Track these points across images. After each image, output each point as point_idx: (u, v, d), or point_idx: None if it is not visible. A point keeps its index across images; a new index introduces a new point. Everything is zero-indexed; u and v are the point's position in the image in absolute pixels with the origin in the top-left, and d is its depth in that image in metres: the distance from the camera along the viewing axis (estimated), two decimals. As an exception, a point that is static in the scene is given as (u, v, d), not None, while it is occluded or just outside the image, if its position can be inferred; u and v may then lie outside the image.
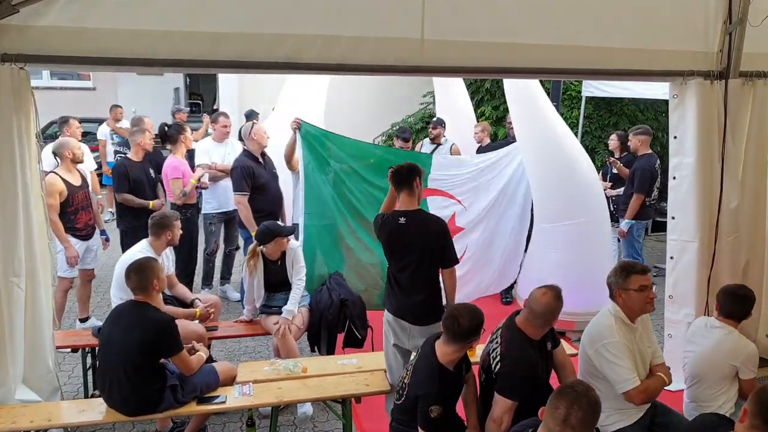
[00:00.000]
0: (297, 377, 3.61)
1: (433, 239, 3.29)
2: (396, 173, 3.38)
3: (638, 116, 8.32)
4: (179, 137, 5.44)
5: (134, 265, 3.30)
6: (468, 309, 2.69)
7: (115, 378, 3.11)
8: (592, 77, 5.40)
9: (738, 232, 4.19)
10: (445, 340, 2.70)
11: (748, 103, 4.15)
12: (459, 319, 2.63)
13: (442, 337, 2.72)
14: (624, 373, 2.81)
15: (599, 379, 2.94)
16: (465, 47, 3.68)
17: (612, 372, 2.82)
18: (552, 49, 3.80)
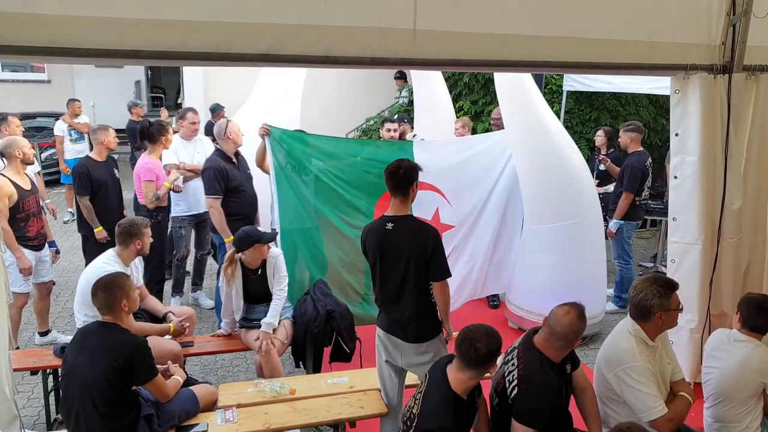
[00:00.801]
0: (284, 400, 3.30)
1: (422, 248, 2.94)
2: (392, 176, 3.02)
3: (620, 111, 8.19)
4: (160, 138, 5.06)
5: (102, 282, 2.93)
6: (485, 332, 2.42)
7: (82, 409, 2.75)
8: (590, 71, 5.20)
9: (740, 234, 4.05)
10: (459, 367, 2.43)
11: (750, 99, 4.01)
12: (476, 343, 2.36)
13: (456, 362, 2.45)
14: (649, 400, 2.60)
15: (617, 403, 2.74)
16: (459, 39, 3.43)
17: (635, 399, 2.61)
18: (549, 41, 3.59)
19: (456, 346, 2.43)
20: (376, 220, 3.13)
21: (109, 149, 5.16)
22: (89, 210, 4.91)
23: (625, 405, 2.70)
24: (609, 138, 6.46)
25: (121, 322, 2.89)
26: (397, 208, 3.03)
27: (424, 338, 3.03)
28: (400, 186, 3.01)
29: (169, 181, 5.02)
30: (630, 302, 2.80)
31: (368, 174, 4.74)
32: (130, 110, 8.82)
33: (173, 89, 19.49)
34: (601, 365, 2.80)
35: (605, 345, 2.85)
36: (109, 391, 2.75)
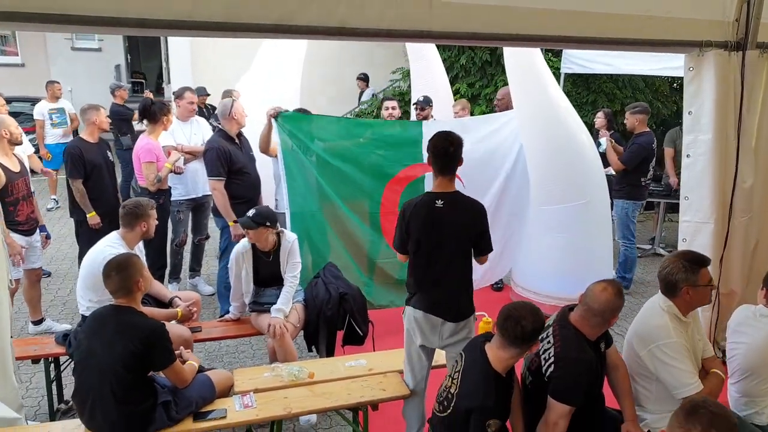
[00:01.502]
0: (303, 384, 3.20)
1: (474, 226, 2.92)
2: (444, 154, 2.89)
3: (616, 93, 8.19)
4: (162, 118, 4.86)
5: (114, 263, 2.79)
6: (529, 309, 2.35)
7: (98, 398, 2.63)
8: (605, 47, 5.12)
9: (751, 212, 4.04)
10: (501, 345, 2.36)
11: (762, 76, 3.99)
12: (521, 321, 2.29)
13: (497, 341, 2.38)
14: (685, 377, 2.56)
15: (649, 380, 2.70)
16: (477, 11, 3.35)
17: (670, 376, 2.57)
18: (565, 15, 3.52)
19: (499, 324, 2.36)
20: (421, 198, 3.00)
21: (101, 130, 4.97)
22: (82, 194, 4.73)
23: (657, 382, 2.66)
24: (608, 120, 6.44)
25: (136, 305, 2.76)
26: (446, 185, 2.92)
27: (466, 315, 2.98)
28: (451, 164, 2.91)
29: (170, 162, 4.85)
30: (658, 277, 2.76)
31: (375, 154, 4.63)
32: (113, 93, 8.55)
33: (154, 74, 19.06)
34: (632, 342, 2.75)
35: (636, 322, 2.80)
36: (126, 377, 2.63)
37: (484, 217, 2.96)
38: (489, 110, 8.65)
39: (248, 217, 3.66)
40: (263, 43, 5.90)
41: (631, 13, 3.65)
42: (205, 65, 9.71)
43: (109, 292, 2.79)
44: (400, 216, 2.99)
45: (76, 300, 5.27)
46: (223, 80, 7.94)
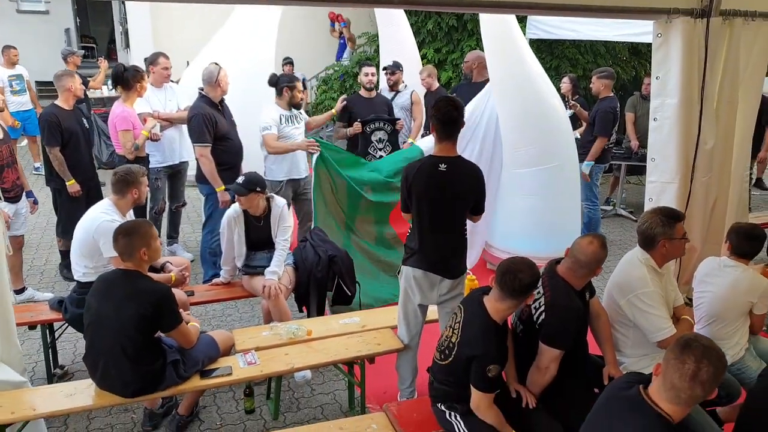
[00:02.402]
0: (301, 341, 3.35)
1: (474, 188, 3.08)
2: (450, 121, 2.97)
3: (579, 59, 8.43)
4: (135, 85, 4.77)
5: (124, 227, 2.88)
6: (526, 263, 2.53)
7: (111, 359, 2.72)
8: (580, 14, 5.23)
9: (711, 172, 4.31)
10: (500, 297, 2.53)
11: (723, 43, 4.21)
12: (519, 274, 2.46)
13: (495, 293, 2.55)
14: (660, 322, 2.80)
15: (627, 327, 2.93)
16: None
17: (646, 322, 2.81)
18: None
19: (498, 277, 2.52)
20: (423, 161, 3.11)
21: (76, 96, 4.89)
22: (61, 161, 4.68)
23: (635, 328, 2.89)
24: (574, 85, 6.67)
25: (142, 270, 2.84)
26: (449, 149, 3.03)
27: (462, 272, 3.17)
28: (455, 128, 3.01)
29: (146, 130, 4.81)
30: (637, 231, 2.97)
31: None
32: (66, 59, 8.22)
33: (104, 39, 18.36)
34: (612, 293, 2.97)
35: (616, 273, 3.02)
36: (137, 339, 2.73)
37: (482, 182, 3.11)
38: (455, 75, 8.76)
39: (239, 183, 3.72)
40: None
41: (604, -18, 3.79)
42: (168, 27, 9.44)
43: (117, 254, 2.85)
44: (403, 178, 3.11)
45: (57, 268, 5.34)
46: (188, 41, 7.79)
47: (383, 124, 5.45)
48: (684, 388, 1.79)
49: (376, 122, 5.43)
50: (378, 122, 5.44)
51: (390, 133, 5.48)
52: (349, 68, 9.52)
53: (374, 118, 5.43)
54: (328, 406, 3.61)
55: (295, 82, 4.93)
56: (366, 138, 5.42)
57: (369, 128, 5.41)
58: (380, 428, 2.73)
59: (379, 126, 5.43)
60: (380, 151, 5.45)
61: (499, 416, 2.56)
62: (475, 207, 3.13)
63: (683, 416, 1.85)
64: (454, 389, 2.63)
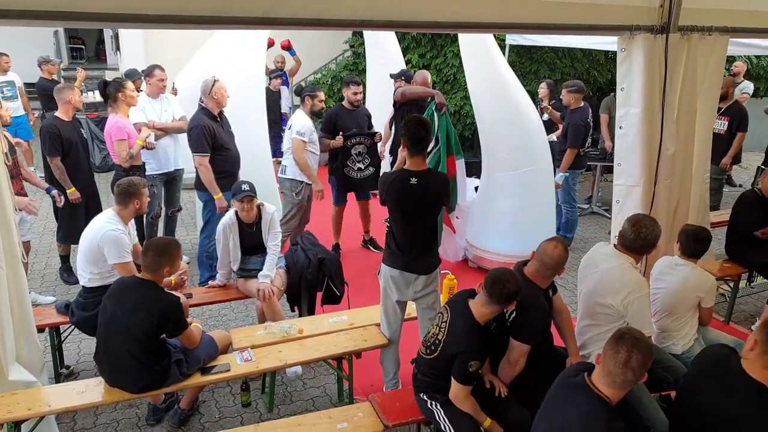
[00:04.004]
0: (294, 339, 3.64)
1: (443, 193, 3.47)
2: (421, 140, 3.31)
3: (557, 63, 8.74)
4: (117, 95, 5.01)
5: (155, 245, 3.18)
6: (511, 273, 2.82)
7: (121, 358, 3.01)
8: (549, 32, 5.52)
9: (673, 176, 4.63)
10: (486, 302, 2.80)
11: (682, 56, 4.53)
12: (507, 284, 2.73)
13: (482, 298, 2.82)
14: (649, 321, 3.11)
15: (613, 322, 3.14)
16: (437, 2, 3.69)
17: (639, 321, 3.00)
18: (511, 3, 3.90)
19: (487, 286, 2.78)
20: (397, 174, 3.43)
21: (75, 108, 5.13)
22: (61, 170, 4.92)
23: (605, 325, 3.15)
24: (551, 90, 6.98)
25: (158, 281, 3.12)
26: (419, 164, 3.37)
27: (435, 267, 3.51)
28: (424, 145, 3.37)
29: (141, 139, 5.05)
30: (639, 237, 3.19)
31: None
32: (40, 66, 8.36)
33: (93, 39, 18.43)
34: (600, 292, 3.19)
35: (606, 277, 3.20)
36: (145, 341, 3.01)
37: (447, 186, 3.52)
38: (438, 80, 9.04)
39: (246, 190, 4.03)
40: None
41: (572, 1, 4.08)
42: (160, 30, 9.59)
43: (142, 265, 3.14)
44: (380, 186, 3.46)
45: (57, 272, 5.57)
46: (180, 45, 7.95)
47: (363, 138, 5.75)
48: (618, 374, 2.11)
49: (356, 137, 5.72)
50: (359, 137, 5.73)
51: (369, 146, 5.77)
52: (337, 73, 9.78)
53: (355, 133, 5.71)
54: (319, 399, 3.90)
55: (317, 92, 5.35)
56: (346, 151, 5.70)
57: (350, 142, 5.69)
58: (366, 416, 3.03)
59: (360, 140, 5.72)
60: (358, 164, 5.75)
61: (475, 405, 2.87)
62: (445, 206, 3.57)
63: (620, 398, 2.17)
64: (436, 381, 2.94)
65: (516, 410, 2.93)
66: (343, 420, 2.99)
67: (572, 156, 6.05)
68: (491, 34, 5.06)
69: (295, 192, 5.34)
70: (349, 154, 5.71)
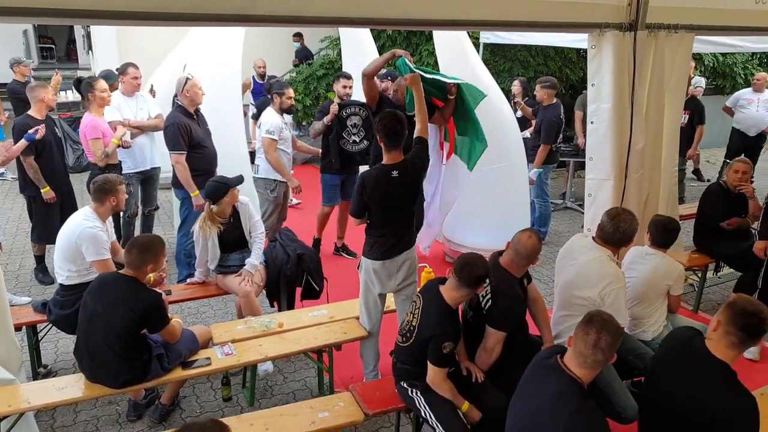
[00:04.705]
0: (274, 333, 3.68)
1: (420, 183, 3.59)
2: (397, 134, 3.38)
3: (530, 61, 8.89)
4: (88, 95, 4.97)
5: (139, 242, 3.18)
6: (480, 258, 2.91)
7: (102, 353, 3.02)
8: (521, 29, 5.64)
9: (643, 170, 4.77)
10: (456, 286, 2.89)
11: (650, 53, 4.66)
12: (475, 267, 2.83)
13: (452, 283, 2.91)
14: (624, 311, 3.22)
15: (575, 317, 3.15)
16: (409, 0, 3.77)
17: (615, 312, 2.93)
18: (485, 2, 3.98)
19: (457, 270, 2.88)
20: (378, 170, 3.47)
21: (48, 107, 5.08)
22: (35, 170, 4.88)
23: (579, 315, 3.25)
24: (524, 88, 7.11)
25: (140, 278, 3.13)
26: (396, 157, 3.44)
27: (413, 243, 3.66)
28: (401, 140, 3.43)
29: (116, 138, 5.02)
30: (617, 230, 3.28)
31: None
32: (12, 68, 8.21)
33: (63, 39, 18.14)
34: (578, 284, 3.29)
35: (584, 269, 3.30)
36: (126, 337, 3.03)
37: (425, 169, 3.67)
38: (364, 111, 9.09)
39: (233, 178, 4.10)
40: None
41: (544, 0, 4.19)
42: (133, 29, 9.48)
43: (125, 262, 3.14)
44: (361, 186, 3.45)
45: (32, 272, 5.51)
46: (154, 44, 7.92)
47: (358, 109, 5.61)
48: (588, 354, 2.19)
49: (351, 107, 5.61)
50: (353, 107, 5.62)
51: (365, 118, 5.62)
52: (313, 71, 9.79)
53: (350, 103, 5.63)
54: (300, 392, 3.94)
55: (285, 89, 5.35)
56: (342, 122, 5.57)
57: (345, 113, 5.57)
58: (347, 405, 3.09)
59: (354, 111, 5.61)
60: (354, 136, 5.62)
61: (452, 388, 2.95)
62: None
63: (591, 378, 2.25)
64: (414, 368, 3.01)
65: (493, 395, 3.02)
66: (324, 410, 3.04)
67: (545, 152, 6.17)
68: (465, 32, 5.14)
69: (270, 190, 5.36)
70: (344, 125, 5.59)
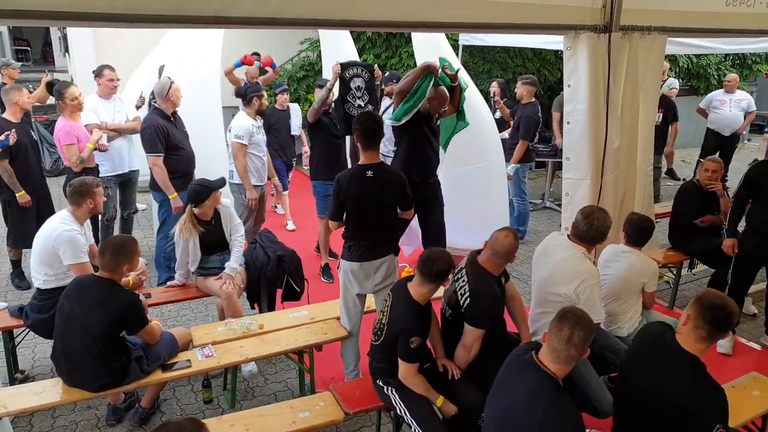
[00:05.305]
0: (254, 334, 3.67)
1: (401, 188, 3.58)
2: (373, 133, 3.43)
3: (508, 63, 8.96)
4: (59, 101, 4.92)
5: (112, 244, 3.15)
6: (441, 252, 2.97)
7: (80, 357, 2.99)
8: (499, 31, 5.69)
9: (618, 169, 4.85)
10: (420, 282, 2.95)
11: (624, 54, 4.75)
12: (436, 262, 2.88)
13: (417, 279, 2.96)
14: (600, 308, 3.27)
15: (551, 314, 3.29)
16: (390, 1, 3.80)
17: (590, 309, 3.02)
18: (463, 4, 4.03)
19: (419, 265, 2.94)
20: (353, 171, 3.52)
21: (23, 110, 5.03)
22: (10, 173, 4.82)
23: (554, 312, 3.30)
24: (502, 89, 7.19)
25: (117, 279, 3.11)
26: (373, 157, 3.47)
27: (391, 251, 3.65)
28: (377, 140, 3.47)
29: (92, 142, 4.97)
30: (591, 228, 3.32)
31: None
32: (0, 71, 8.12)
33: (39, 41, 17.89)
34: (555, 281, 3.33)
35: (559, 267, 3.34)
36: (104, 339, 3.01)
37: (405, 184, 3.60)
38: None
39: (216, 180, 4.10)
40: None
41: (520, 2, 4.22)
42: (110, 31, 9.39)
43: (99, 265, 3.11)
44: (336, 187, 3.48)
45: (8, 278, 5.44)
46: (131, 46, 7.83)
47: (361, 70, 5.44)
48: (562, 350, 2.24)
49: (354, 67, 5.43)
50: (356, 67, 5.45)
51: (368, 80, 5.46)
52: (293, 72, 9.78)
53: (352, 63, 5.51)
54: (281, 393, 3.94)
55: (262, 90, 5.30)
56: (345, 84, 5.40)
57: (348, 74, 5.38)
58: (327, 405, 3.10)
59: (357, 72, 5.44)
60: (358, 100, 5.48)
61: (425, 383, 2.99)
62: (402, 203, 3.63)
63: (566, 373, 2.30)
64: (388, 366, 3.03)
65: (470, 392, 3.05)
66: (305, 409, 3.05)
67: (524, 147, 6.26)
68: (443, 35, 5.18)
69: (244, 195, 5.29)
70: (348, 88, 5.42)
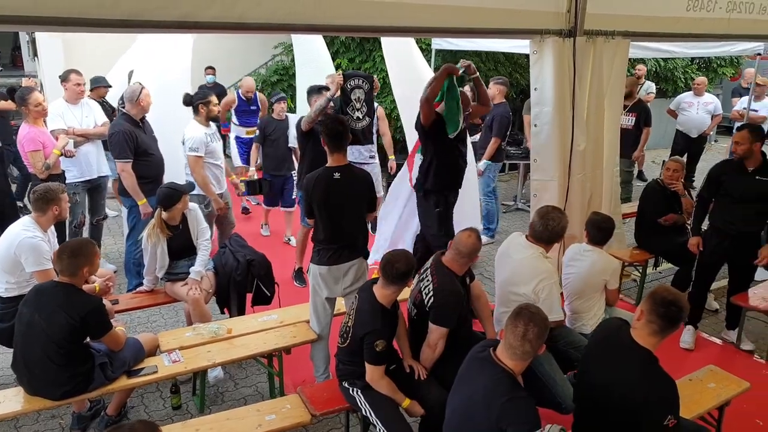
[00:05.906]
0: (223, 339, 3.66)
1: (368, 189, 3.63)
2: (339, 135, 3.47)
3: (480, 66, 9.03)
4: (21, 108, 4.85)
5: (69, 247, 3.10)
6: (403, 254, 3.00)
7: (40, 364, 2.95)
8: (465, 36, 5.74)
9: (585, 171, 4.93)
10: (383, 284, 2.98)
11: (589, 58, 4.84)
12: (396, 264, 2.91)
13: (380, 281, 2.99)
14: (558, 307, 3.33)
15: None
16: (359, 6, 3.81)
17: (549, 307, 3.16)
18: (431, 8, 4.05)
19: (381, 267, 2.97)
20: (321, 172, 3.53)
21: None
22: None
23: None
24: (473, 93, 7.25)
25: (78, 284, 3.08)
26: (340, 159, 3.51)
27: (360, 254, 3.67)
28: (344, 142, 3.50)
29: (58, 148, 4.89)
30: (546, 228, 3.40)
31: None
32: None
33: (8, 45, 17.55)
34: (514, 281, 3.40)
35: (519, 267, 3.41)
36: (66, 346, 2.98)
37: (372, 185, 3.65)
38: (368, 84, 9.19)
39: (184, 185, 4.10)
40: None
41: (486, 6, 4.27)
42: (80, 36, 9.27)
43: (56, 270, 3.07)
44: (305, 189, 3.52)
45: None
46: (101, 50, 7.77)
47: (362, 81, 5.44)
48: (517, 346, 2.29)
49: (356, 78, 5.42)
50: (358, 78, 5.44)
51: (367, 91, 5.47)
52: (267, 77, 9.78)
53: (353, 74, 5.51)
54: (251, 397, 3.93)
55: (209, 96, 4.98)
56: (346, 96, 5.38)
57: (350, 85, 5.37)
58: (293, 407, 3.10)
59: (359, 84, 5.44)
60: (357, 112, 5.48)
61: (391, 385, 3.01)
62: (368, 205, 3.67)
63: (522, 368, 2.35)
64: (354, 367, 3.06)
65: (436, 391, 3.08)
66: (271, 412, 3.05)
67: (496, 145, 6.36)
68: (413, 39, 5.23)
69: (204, 205, 5.05)
70: (349, 99, 5.42)
